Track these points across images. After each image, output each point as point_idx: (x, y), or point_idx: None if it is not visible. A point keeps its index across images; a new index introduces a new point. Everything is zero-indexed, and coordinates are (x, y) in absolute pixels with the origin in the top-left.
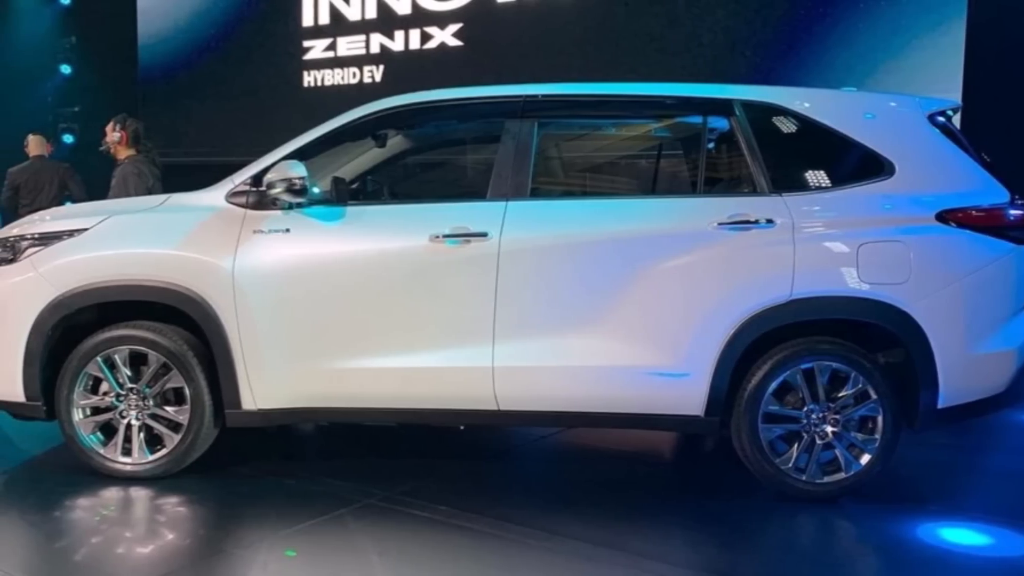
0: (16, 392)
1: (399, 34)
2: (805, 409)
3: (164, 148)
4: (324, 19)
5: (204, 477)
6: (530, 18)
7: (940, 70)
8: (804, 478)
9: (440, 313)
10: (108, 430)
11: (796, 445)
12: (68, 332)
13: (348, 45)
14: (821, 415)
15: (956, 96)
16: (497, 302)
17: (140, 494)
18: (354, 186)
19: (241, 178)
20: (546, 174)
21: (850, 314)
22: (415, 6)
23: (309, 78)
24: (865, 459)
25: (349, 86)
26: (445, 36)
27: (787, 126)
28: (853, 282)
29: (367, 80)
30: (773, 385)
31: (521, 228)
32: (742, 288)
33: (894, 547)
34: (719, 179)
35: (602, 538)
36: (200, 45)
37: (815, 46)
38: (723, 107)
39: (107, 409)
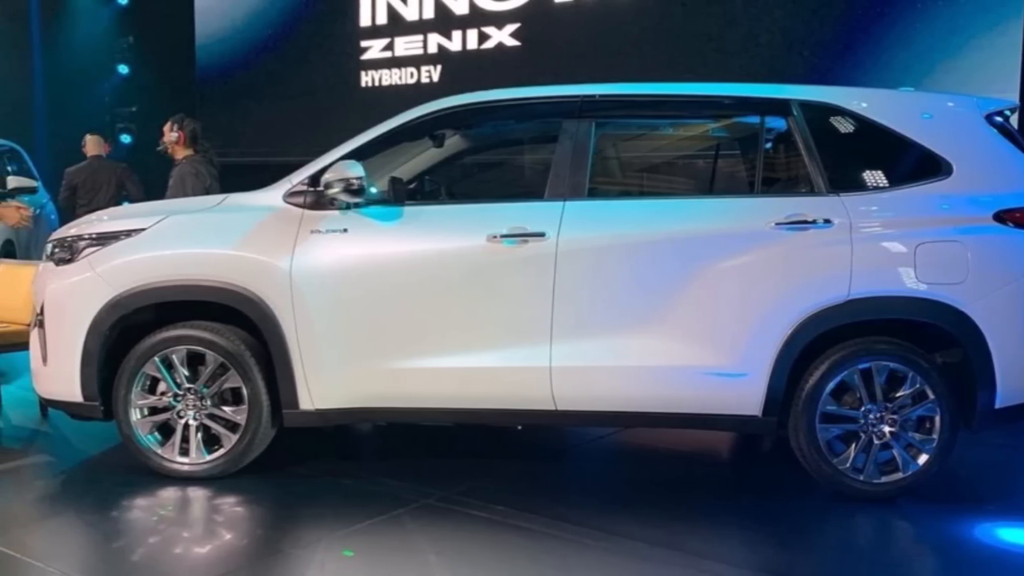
0: (74, 392)
1: (456, 34)
2: (863, 409)
3: (221, 148)
4: (381, 19)
5: (261, 477)
6: (587, 18)
7: (997, 70)
8: (862, 478)
9: (498, 313)
10: (166, 430)
11: (854, 445)
12: (125, 332)
13: (405, 45)
14: (879, 415)
15: (1014, 96)
16: (555, 302)
17: (197, 494)
18: (412, 186)
19: (299, 178)
20: (604, 174)
21: (907, 314)
22: (472, 6)
23: (366, 78)
24: (923, 459)
25: (406, 86)
26: (503, 36)
27: (845, 126)
28: (911, 282)
29: (424, 80)
30: (831, 385)
31: (579, 228)
32: (800, 288)
33: (952, 547)
34: (776, 179)
35: (659, 538)
36: (257, 45)
37: (872, 46)
38: (781, 107)
39: (165, 409)
